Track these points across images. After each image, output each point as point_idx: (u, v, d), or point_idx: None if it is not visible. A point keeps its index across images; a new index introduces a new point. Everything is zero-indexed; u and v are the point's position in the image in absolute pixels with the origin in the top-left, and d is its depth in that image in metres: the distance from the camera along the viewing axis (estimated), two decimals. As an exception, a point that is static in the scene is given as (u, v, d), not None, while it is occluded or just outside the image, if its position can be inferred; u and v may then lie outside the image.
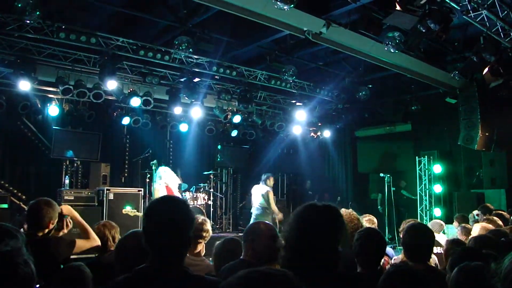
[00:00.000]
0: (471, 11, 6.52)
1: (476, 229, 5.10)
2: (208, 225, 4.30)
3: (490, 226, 5.20)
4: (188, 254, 3.29)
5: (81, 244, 4.00)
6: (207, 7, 7.51)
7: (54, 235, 3.85)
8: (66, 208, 4.11)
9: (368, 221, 5.35)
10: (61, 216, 3.93)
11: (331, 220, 2.36)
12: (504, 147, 10.65)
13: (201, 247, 4.19)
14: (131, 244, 2.81)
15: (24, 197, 10.13)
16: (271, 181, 9.88)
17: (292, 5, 6.03)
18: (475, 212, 7.35)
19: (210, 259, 4.00)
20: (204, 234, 4.21)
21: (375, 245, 3.32)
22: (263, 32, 8.75)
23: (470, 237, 4.44)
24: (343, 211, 4.29)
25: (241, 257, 3.29)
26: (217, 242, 3.71)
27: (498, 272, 1.40)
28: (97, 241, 4.13)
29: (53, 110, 9.88)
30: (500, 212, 7.02)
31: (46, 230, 3.75)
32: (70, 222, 4.05)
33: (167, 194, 9.04)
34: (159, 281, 2.14)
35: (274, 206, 9.60)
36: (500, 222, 5.65)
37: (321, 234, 2.28)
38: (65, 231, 4.00)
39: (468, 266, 2.47)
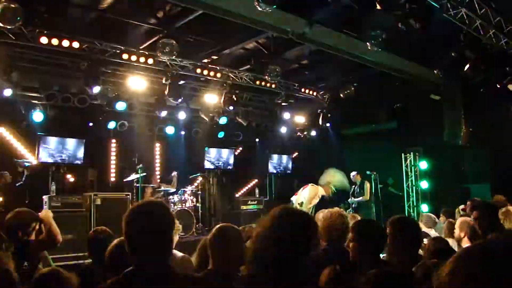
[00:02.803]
0: (450, 9, 6.60)
1: (458, 224, 5.17)
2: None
3: (470, 219, 5.29)
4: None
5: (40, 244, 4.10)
6: (191, 9, 7.52)
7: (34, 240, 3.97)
8: (43, 214, 4.21)
9: (351, 217, 5.42)
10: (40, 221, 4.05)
11: (305, 227, 2.39)
12: (487, 142, 10.78)
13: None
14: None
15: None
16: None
17: (275, 6, 6.06)
18: (461, 206, 7.44)
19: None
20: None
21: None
22: (247, 33, 8.77)
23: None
24: (330, 210, 4.34)
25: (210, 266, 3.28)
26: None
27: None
28: (57, 238, 4.22)
29: (37, 116, 9.80)
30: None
31: (25, 237, 3.84)
32: (42, 229, 4.12)
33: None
34: (148, 281, 2.19)
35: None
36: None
37: (294, 239, 2.31)
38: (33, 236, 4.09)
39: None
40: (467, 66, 7.90)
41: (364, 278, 2.45)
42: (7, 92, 8.62)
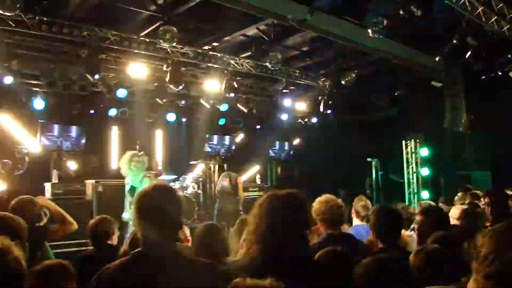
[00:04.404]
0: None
1: (453, 212, 5.22)
2: None
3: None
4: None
5: (53, 229, 4.18)
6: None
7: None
8: (41, 200, 4.29)
9: (362, 206, 5.42)
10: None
11: (295, 206, 2.41)
12: (489, 129, 10.78)
13: None
14: None
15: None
16: None
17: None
18: (459, 194, 7.49)
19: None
20: None
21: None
22: (247, 20, 8.73)
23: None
24: (324, 197, 4.33)
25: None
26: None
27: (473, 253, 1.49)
28: (72, 225, 4.33)
29: (38, 103, 9.81)
30: (475, 192, 7.17)
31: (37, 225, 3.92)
32: (46, 213, 4.20)
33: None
34: (155, 263, 2.23)
35: None
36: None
37: (287, 221, 2.34)
38: (45, 220, 4.18)
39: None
40: (469, 53, 7.87)
41: (360, 266, 2.48)
42: (8, 80, 8.62)
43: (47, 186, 9.41)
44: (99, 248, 4.20)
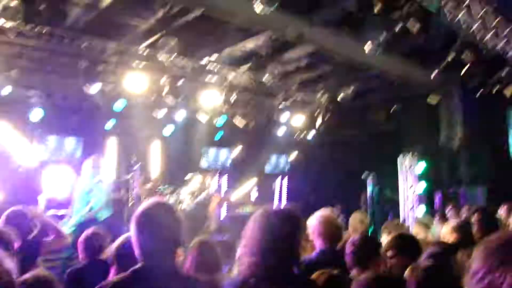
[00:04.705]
0: (448, 13, 6.64)
1: (444, 230, 5.25)
2: None
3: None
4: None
5: (48, 242, 4.15)
6: (190, 9, 7.55)
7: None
8: (34, 211, 4.27)
9: (359, 221, 5.43)
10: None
11: (289, 223, 2.41)
12: (484, 146, 10.84)
13: None
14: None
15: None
16: None
17: (275, 6, 6.10)
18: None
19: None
20: None
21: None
22: (246, 34, 8.79)
23: None
24: (323, 213, 4.34)
25: None
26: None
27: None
28: (67, 239, 4.30)
29: (36, 114, 9.81)
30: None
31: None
32: (36, 225, 4.19)
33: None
34: (155, 279, 2.24)
35: None
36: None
37: (280, 237, 2.33)
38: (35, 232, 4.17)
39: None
40: (465, 69, 7.94)
41: (356, 283, 2.48)
42: (6, 90, 8.62)
43: (41, 198, 9.37)
44: (90, 263, 4.16)
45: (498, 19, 7.24)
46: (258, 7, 5.95)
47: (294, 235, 2.41)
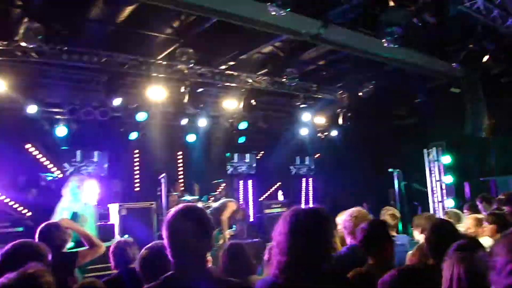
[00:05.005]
0: (466, 1, 6.54)
1: (467, 222, 5.16)
2: None
3: (480, 216, 5.28)
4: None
5: (83, 253, 4.20)
6: (206, 18, 7.62)
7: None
8: (64, 222, 4.32)
9: (390, 215, 5.39)
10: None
11: (319, 222, 2.40)
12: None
13: None
14: (156, 255, 2.92)
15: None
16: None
17: (288, 9, 6.10)
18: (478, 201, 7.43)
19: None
20: None
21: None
22: (262, 38, 8.81)
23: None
24: (356, 209, 4.33)
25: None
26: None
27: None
28: (101, 247, 4.32)
29: (61, 131, 10.00)
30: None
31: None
32: (70, 235, 4.24)
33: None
34: (188, 284, 2.26)
35: None
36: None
37: (311, 236, 2.32)
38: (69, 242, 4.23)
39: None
40: (486, 57, 7.81)
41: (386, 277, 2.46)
42: (32, 109, 8.82)
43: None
44: (123, 272, 4.20)
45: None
46: (273, 11, 5.95)
47: (324, 233, 2.40)
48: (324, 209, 2.51)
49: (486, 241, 4.45)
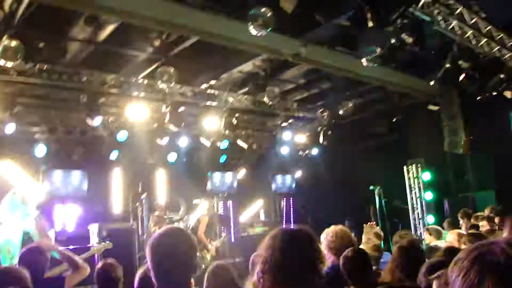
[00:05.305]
0: (441, 22, 6.71)
1: (450, 237, 5.24)
2: None
3: (461, 232, 5.38)
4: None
5: (70, 277, 4.09)
6: (187, 37, 7.66)
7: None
8: (44, 244, 4.22)
9: (376, 234, 5.43)
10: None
11: (309, 240, 2.40)
12: (489, 149, 10.83)
13: None
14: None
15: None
16: None
17: (270, 29, 6.17)
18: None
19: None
20: None
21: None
22: (243, 57, 8.88)
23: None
24: (336, 228, 4.35)
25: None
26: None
27: None
28: (86, 269, 4.22)
29: (40, 150, 9.87)
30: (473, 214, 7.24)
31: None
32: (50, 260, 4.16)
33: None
34: None
35: None
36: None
37: (303, 254, 2.32)
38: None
39: None
40: (462, 75, 7.99)
41: None
42: (10, 128, 8.70)
43: (51, 233, 9.36)
44: None
45: (489, 27, 7.32)
46: (254, 31, 6.02)
47: (314, 251, 2.40)
48: (309, 228, 2.52)
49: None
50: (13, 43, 6.66)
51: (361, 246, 5.23)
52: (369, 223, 5.67)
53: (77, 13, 6.91)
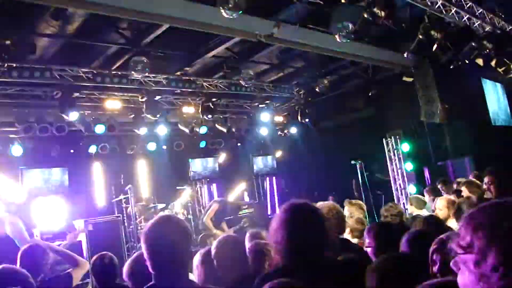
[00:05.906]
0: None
1: (445, 203, 5.32)
2: None
3: (453, 198, 5.46)
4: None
5: (76, 272, 4.07)
6: (157, 25, 7.55)
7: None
8: (42, 243, 4.18)
9: (357, 207, 5.46)
10: None
11: (314, 212, 2.45)
12: (465, 116, 10.99)
13: None
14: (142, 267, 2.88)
15: None
16: None
17: (241, 12, 6.12)
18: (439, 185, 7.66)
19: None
20: None
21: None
22: (216, 41, 8.81)
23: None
24: (323, 204, 4.39)
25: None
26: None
27: None
28: (86, 264, 4.20)
29: (16, 150, 9.71)
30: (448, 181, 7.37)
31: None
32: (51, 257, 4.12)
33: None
34: None
35: None
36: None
37: (308, 230, 2.37)
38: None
39: None
40: (435, 46, 8.06)
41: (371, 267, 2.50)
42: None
43: (36, 231, 9.26)
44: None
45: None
46: (225, 14, 5.96)
47: (322, 222, 2.44)
48: (310, 204, 2.56)
49: (454, 224, 4.62)
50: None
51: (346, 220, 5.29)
52: (347, 199, 5.69)
53: (43, 7, 6.74)
